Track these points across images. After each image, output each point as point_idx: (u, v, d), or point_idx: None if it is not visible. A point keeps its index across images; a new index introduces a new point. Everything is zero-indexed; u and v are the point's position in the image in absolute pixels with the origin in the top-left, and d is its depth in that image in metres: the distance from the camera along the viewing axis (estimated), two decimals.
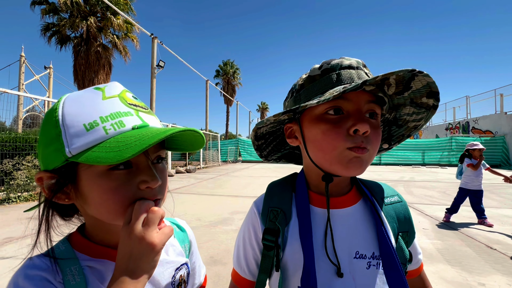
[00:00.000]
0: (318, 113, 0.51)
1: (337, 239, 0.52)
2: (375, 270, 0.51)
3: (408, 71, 0.42)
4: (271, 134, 0.66)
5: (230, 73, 34.01)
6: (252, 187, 7.27)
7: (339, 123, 0.49)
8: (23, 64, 16.32)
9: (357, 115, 0.48)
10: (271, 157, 0.72)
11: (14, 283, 0.38)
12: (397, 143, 0.63)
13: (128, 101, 0.45)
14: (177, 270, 0.55)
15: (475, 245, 3.00)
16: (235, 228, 3.55)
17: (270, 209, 0.58)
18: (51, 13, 13.46)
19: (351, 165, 0.48)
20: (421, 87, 0.48)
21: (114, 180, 0.40)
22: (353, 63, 0.51)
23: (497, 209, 4.63)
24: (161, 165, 0.48)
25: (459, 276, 2.28)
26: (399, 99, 0.54)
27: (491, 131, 16.05)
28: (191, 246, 0.64)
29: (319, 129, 0.51)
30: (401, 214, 0.59)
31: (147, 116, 0.46)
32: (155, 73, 10.79)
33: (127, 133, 0.40)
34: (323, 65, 0.53)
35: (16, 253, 2.58)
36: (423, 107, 0.53)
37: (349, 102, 0.49)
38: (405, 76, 0.46)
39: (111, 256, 0.46)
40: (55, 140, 0.39)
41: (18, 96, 10.46)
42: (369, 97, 0.50)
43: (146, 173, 0.42)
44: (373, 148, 0.50)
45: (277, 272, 0.54)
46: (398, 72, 0.42)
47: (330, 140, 0.49)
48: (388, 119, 0.61)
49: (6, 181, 5.11)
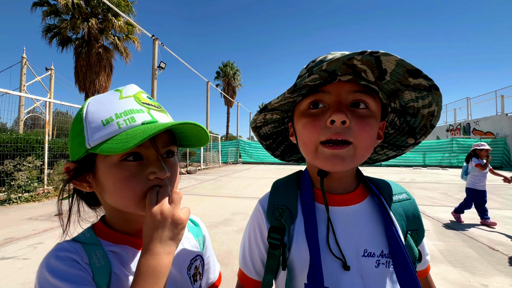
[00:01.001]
0: (302, 109, 0.52)
1: (344, 237, 0.52)
2: (385, 269, 0.50)
3: (357, 53, 0.40)
4: (278, 134, 0.66)
5: (230, 75, 34.05)
6: (253, 188, 7.26)
7: (318, 116, 0.49)
8: (24, 65, 16.37)
9: (335, 106, 0.48)
10: (289, 158, 0.72)
11: (46, 264, 0.41)
12: (424, 136, 0.58)
13: (142, 100, 0.50)
14: (193, 260, 0.58)
15: (478, 246, 2.98)
16: (236, 229, 3.55)
17: (276, 207, 0.57)
18: (52, 14, 13.52)
19: (329, 162, 0.48)
20: (394, 67, 0.45)
21: (125, 171, 0.45)
22: (336, 56, 0.51)
23: (499, 211, 4.61)
24: (172, 159, 0.52)
25: (461, 278, 2.26)
26: (387, 84, 0.50)
27: (492, 133, 16.02)
28: (205, 240, 0.66)
29: (301, 123, 0.52)
30: (410, 211, 0.58)
31: (158, 114, 0.50)
32: (156, 74, 10.81)
33: (136, 127, 0.45)
34: (309, 63, 0.54)
35: (17, 254, 2.58)
36: (422, 89, 0.49)
37: (329, 94, 0.49)
38: (370, 60, 0.43)
39: (130, 242, 0.51)
40: (79, 134, 0.45)
41: (19, 97, 10.50)
42: (352, 87, 0.48)
43: (155, 165, 0.47)
44: (360, 140, 0.48)
45: (283, 271, 0.52)
46: (346, 57, 0.40)
47: (307, 134, 0.50)
48: (397, 109, 0.58)
49: (7, 181, 5.11)
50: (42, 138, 5.98)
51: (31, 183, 5.39)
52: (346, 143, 0.47)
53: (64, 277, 0.40)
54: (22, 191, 5.20)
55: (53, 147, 6.26)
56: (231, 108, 34.95)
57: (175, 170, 0.52)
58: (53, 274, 0.39)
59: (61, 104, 6.39)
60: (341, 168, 0.49)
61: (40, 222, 3.73)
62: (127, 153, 0.45)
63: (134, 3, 14.57)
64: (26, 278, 2.10)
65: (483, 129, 16.85)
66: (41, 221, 3.78)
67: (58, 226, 3.51)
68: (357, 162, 0.50)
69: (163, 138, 0.50)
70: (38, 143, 5.96)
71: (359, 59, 0.42)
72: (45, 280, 0.39)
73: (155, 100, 0.54)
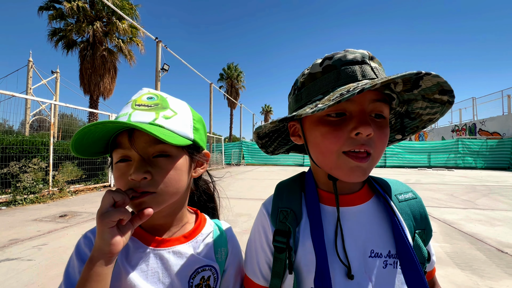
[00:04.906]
0: (319, 115, 0.49)
1: (350, 238, 0.50)
2: (393, 270, 0.48)
3: (414, 73, 0.37)
4: (275, 132, 0.64)
5: (233, 77, 34.21)
6: (256, 189, 7.24)
7: (340, 126, 0.46)
8: (31, 68, 16.63)
9: (360, 117, 0.45)
10: (278, 151, 0.69)
11: (79, 239, 0.56)
12: (411, 135, 0.60)
13: (137, 103, 0.54)
14: (200, 269, 0.56)
15: (486, 249, 2.92)
16: (240, 230, 3.53)
17: (280, 210, 0.56)
18: (58, 18, 13.74)
19: (352, 174, 0.47)
20: (431, 85, 0.44)
21: (117, 171, 0.52)
22: (357, 56, 0.47)
23: (507, 212, 4.52)
24: (161, 160, 0.51)
25: (469, 281, 2.22)
26: (409, 95, 0.50)
27: (499, 133, 15.80)
28: (228, 253, 0.63)
29: (319, 131, 0.49)
30: (417, 211, 0.56)
31: (141, 114, 0.52)
32: (159, 76, 10.87)
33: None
34: (325, 60, 0.50)
35: (21, 255, 2.59)
36: (437, 102, 0.49)
37: (352, 102, 0.46)
38: (412, 76, 0.42)
39: (141, 236, 0.56)
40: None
41: (25, 100, 10.65)
42: (374, 95, 0.47)
43: (134, 166, 0.50)
44: (377, 151, 0.47)
45: (290, 275, 0.51)
46: (402, 77, 0.38)
47: (328, 144, 0.47)
48: (399, 112, 0.58)
49: (13, 183, 5.17)
50: (47, 140, 6.04)
51: (36, 185, 5.43)
52: (368, 154, 0.46)
53: (79, 255, 0.53)
54: (27, 192, 5.25)
55: (58, 149, 6.32)
56: (234, 109, 35.08)
57: (159, 172, 0.51)
58: (75, 251, 0.53)
59: (66, 106, 6.44)
60: (361, 180, 0.48)
61: (45, 223, 3.75)
62: (120, 156, 0.52)
63: (138, 6, 14.73)
64: (30, 279, 2.11)
65: (489, 129, 16.63)
66: (46, 222, 3.81)
67: (62, 227, 3.53)
68: (370, 172, 0.50)
69: (144, 139, 0.50)
70: (44, 145, 6.02)
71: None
72: (73, 253, 0.54)
73: (160, 99, 0.57)
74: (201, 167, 0.63)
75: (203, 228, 0.64)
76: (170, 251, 0.56)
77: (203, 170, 0.64)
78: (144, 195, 0.49)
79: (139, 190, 0.49)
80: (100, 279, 0.43)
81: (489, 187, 7.21)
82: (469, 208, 4.67)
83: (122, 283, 0.50)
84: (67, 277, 0.51)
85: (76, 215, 4.20)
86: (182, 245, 0.58)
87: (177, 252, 0.56)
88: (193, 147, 0.59)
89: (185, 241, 0.59)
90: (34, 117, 15.56)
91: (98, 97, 14.71)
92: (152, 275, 0.53)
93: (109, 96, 15.10)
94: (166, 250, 0.56)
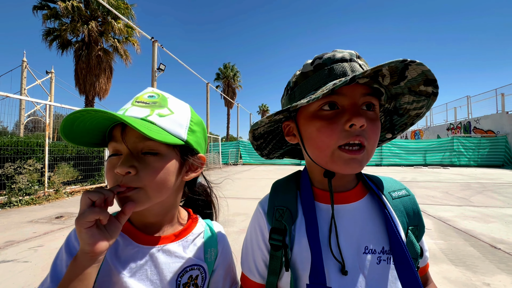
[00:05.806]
0: (313, 110, 0.51)
1: (344, 235, 0.52)
2: (386, 265, 0.50)
3: (400, 61, 0.40)
4: (269, 133, 0.65)
5: (230, 76, 34.14)
6: (254, 189, 7.25)
7: (334, 119, 0.48)
8: (25, 69, 16.42)
9: (352, 109, 0.48)
10: (273, 155, 0.71)
11: (70, 232, 0.56)
12: (401, 132, 0.62)
13: (137, 100, 0.56)
14: (187, 269, 0.57)
15: (479, 245, 2.97)
16: (237, 230, 3.54)
17: (276, 208, 0.57)
18: (52, 18, 13.59)
19: (347, 166, 0.48)
20: (416, 75, 0.46)
21: (109, 164, 0.53)
22: (345, 55, 0.50)
23: (500, 209, 4.59)
24: (149, 157, 0.52)
25: (463, 276, 2.25)
26: (396, 88, 0.52)
27: (493, 131, 15.97)
28: (218, 254, 0.64)
29: (314, 126, 0.50)
30: (410, 207, 0.58)
31: (138, 109, 0.53)
32: (156, 76, 10.82)
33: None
34: (315, 60, 0.52)
35: (17, 257, 2.58)
36: (423, 95, 0.51)
37: (343, 96, 0.48)
38: (398, 67, 0.45)
39: (131, 233, 0.56)
40: None
41: (20, 101, 10.52)
42: (364, 89, 0.49)
43: (121, 160, 0.50)
44: (371, 143, 0.49)
45: (287, 272, 0.52)
46: (388, 64, 0.40)
47: (324, 138, 0.49)
48: (388, 109, 0.60)
49: (8, 185, 5.12)
50: (42, 141, 5.98)
51: (31, 186, 5.39)
52: (361, 146, 0.48)
53: (68, 248, 0.53)
54: (22, 194, 5.20)
55: (53, 150, 6.27)
56: (231, 109, 35.07)
57: (146, 168, 0.50)
58: (65, 244, 0.54)
59: (62, 107, 6.39)
60: (358, 171, 0.50)
61: (40, 225, 3.73)
62: (112, 149, 0.53)
63: (133, 5, 14.62)
64: (26, 281, 2.10)
65: (484, 127, 16.80)
66: (41, 224, 3.78)
67: (58, 229, 3.51)
68: (367, 163, 0.51)
69: (135, 134, 0.50)
70: (39, 146, 5.97)
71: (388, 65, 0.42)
72: (62, 245, 0.54)
73: (160, 98, 0.58)
74: (194, 171, 0.61)
75: (194, 228, 0.64)
76: (160, 249, 0.56)
77: (196, 174, 0.62)
78: (128, 190, 0.49)
79: (123, 185, 0.49)
80: (83, 278, 0.43)
81: (484, 185, 7.30)
82: (463, 205, 4.73)
83: (111, 279, 0.51)
84: (54, 268, 0.51)
85: (72, 216, 4.17)
86: (172, 243, 0.58)
87: (166, 251, 0.57)
88: (187, 149, 0.58)
89: (175, 240, 0.59)
90: (28, 118, 15.39)
91: (94, 97, 14.60)
92: (140, 272, 0.53)
93: (105, 96, 15.00)
94: (156, 248, 0.56)
